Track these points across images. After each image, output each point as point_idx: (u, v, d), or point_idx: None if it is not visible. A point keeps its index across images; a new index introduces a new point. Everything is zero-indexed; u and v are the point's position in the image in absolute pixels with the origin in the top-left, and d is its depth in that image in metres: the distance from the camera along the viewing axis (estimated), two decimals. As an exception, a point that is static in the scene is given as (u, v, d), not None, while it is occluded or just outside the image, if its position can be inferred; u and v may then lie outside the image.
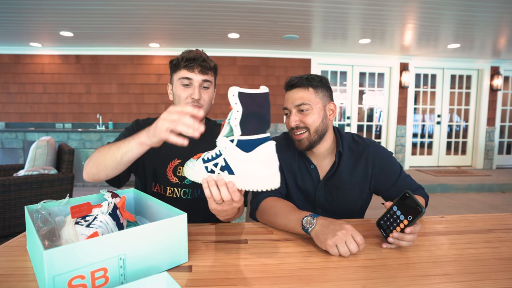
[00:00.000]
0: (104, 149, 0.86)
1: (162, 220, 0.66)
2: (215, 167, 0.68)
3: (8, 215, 1.98)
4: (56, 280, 0.52)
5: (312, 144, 1.05)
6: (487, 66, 5.42)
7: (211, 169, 0.69)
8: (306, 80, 1.03)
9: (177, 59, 1.05)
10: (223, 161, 0.67)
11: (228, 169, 0.67)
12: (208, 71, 1.04)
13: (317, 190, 1.11)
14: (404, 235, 0.76)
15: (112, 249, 0.59)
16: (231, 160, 0.66)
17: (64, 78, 4.87)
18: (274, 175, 0.65)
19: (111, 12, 3.33)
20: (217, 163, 0.68)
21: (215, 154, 0.69)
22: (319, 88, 1.05)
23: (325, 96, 1.06)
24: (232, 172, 0.67)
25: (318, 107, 1.04)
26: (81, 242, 0.56)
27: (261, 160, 0.64)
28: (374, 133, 5.62)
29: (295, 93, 1.04)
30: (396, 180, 1.09)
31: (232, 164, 0.66)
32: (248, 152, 0.64)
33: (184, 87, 1.03)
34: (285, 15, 3.39)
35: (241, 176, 0.66)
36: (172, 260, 0.69)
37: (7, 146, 4.03)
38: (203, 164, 0.70)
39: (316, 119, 1.03)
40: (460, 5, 3.04)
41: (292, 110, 1.04)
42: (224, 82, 5.05)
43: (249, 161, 0.64)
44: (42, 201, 0.76)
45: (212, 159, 0.69)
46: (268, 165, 0.65)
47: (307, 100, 1.02)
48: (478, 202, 3.85)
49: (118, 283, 0.60)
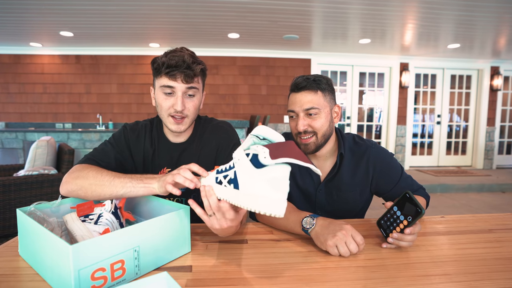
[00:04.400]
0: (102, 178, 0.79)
1: (170, 213, 0.71)
2: (224, 178, 0.65)
3: (8, 215, 1.98)
4: (81, 274, 0.55)
5: (318, 148, 1.04)
6: (487, 66, 5.42)
7: (220, 180, 0.66)
8: (314, 83, 1.00)
9: (157, 62, 0.92)
10: (233, 174, 0.63)
11: (234, 183, 0.62)
12: (194, 77, 0.92)
13: (318, 192, 1.10)
14: (404, 235, 0.76)
15: (129, 242, 0.63)
16: (240, 174, 0.62)
17: (64, 78, 4.88)
18: (280, 202, 0.57)
19: (111, 12, 3.33)
20: (227, 175, 0.65)
21: (229, 166, 0.65)
22: (326, 91, 1.02)
23: (331, 99, 1.05)
24: (237, 187, 0.62)
25: (326, 111, 1.02)
26: (103, 236, 0.59)
27: (269, 179, 0.57)
28: (374, 133, 5.62)
29: (303, 96, 1.00)
30: (397, 181, 1.09)
31: (240, 178, 0.61)
32: (259, 168, 0.58)
33: (166, 96, 0.93)
34: (285, 15, 3.39)
35: (244, 193, 0.60)
36: (178, 250, 0.74)
37: (7, 146, 4.03)
38: (215, 174, 0.68)
39: (324, 123, 1.01)
40: (460, 5, 3.04)
41: (300, 113, 1.01)
42: (224, 82, 5.05)
43: (256, 177, 0.58)
44: (35, 203, 0.75)
45: (225, 171, 0.66)
46: (277, 188, 0.57)
47: (316, 104, 1.00)
48: (478, 202, 3.85)
49: (133, 275, 0.64)
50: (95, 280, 0.57)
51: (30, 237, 0.67)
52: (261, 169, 0.58)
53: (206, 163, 1.07)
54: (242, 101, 5.10)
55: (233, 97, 5.08)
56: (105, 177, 0.80)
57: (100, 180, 0.79)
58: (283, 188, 0.57)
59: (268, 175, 0.57)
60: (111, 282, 0.60)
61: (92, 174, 0.82)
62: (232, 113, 5.11)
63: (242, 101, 5.10)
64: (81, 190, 0.81)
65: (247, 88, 5.08)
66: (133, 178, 0.78)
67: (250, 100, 5.10)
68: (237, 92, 5.08)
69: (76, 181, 0.82)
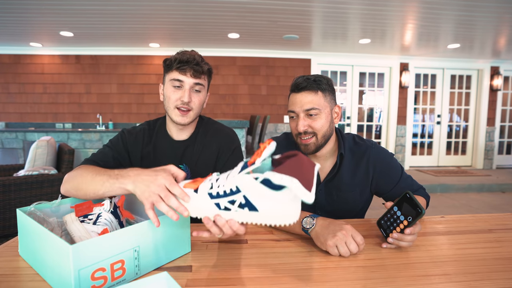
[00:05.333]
0: (88, 174, 0.80)
1: None
2: (232, 204, 0.61)
3: (8, 215, 1.98)
4: (81, 273, 0.55)
5: (318, 148, 1.04)
6: (487, 66, 5.42)
7: (225, 206, 0.61)
8: (314, 83, 1.00)
9: (170, 59, 1.01)
10: (242, 199, 0.60)
11: (249, 206, 0.60)
12: (201, 74, 1.01)
13: (318, 192, 1.10)
14: (404, 235, 0.76)
15: (129, 242, 0.63)
16: (254, 198, 0.59)
17: (64, 78, 4.88)
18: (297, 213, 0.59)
19: (111, 12, 3.33)
20: (233, 200, 0.61)
21: (230, 190, 0.61)
22: (326, 91, 1.02)
23: (332, 99, 1.04)
24: (254, 209, 0.60)
25: (326, 111, 1.01)
26: (103, 236, 0.59)
27: (287, 200, 0.58)
28: (374, 133, 5.62)
29: (303, 97, 1.00)
30: (398, 181, 1.09)
31: (256, 202, 0.59)
32: (278, 191, 0.57)
33: (175, 89, 1.00)
34: (285, 15, 3.39)
35: (266, 214, 0.60)
36: (178, 250, 0.74)
37: (7, 146, 4.03)
38: (211, 200, 0.63)
39: (324, 123, 1.01)
40: (460, 5, 3.04)
41: (300, 114, 1.01)
42: (224, 82, 5.05)
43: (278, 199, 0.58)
44: (35, 203, 0.75)
45: (226, 195, 0.61)
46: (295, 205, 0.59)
47: (316, 104, 0.99)
48: (478, 202, 3.85)
49: (133, 275, 0.64)
50: (95, 280, 0.57)
51: (30, 237, 0.67)
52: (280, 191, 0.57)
53: (205, 165, 1.08)
54: (242, 101, 5.10)
55: (233, 97, 5.08)
56: (89, 174, 0.79)
57: (85, 178, 0.80)
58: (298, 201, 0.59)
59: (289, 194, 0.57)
60: (111, 282, 0.60)
61: (83, 172, 0.82)
62: (232, 113, 5.11)
63: (242, 101, 5.10)
64: (73, 189, 0.82)
65: (247, 88, 5.08)
66: (110, 177, 0.74)
67: (250, 100, 5.10)
68: (237, 92, 5.08)
69: (72, 180, 0.83)
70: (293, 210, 0.59)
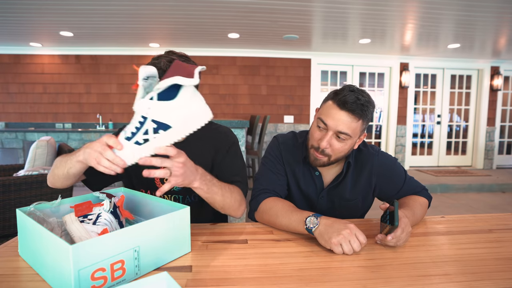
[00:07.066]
0: (61, 159, 0.86)
1: (170, 213, 0.72)
2: (147, 134, 0.64)
3: (8, 215, 1.98)
4: (81, 274, 0.55)
5: (327, 165, 1.02)
6: (487, 66, 5.42)
7: (144, 139, 0.64)
8: (362, 109, 0.92)
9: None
10: (152, 123, 0.63)
11: (162, 127, 0.64)
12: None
13: (320, 198, 1.09)
14: (386, 239, 0.78)
15: (129, 242, 0.63)
16: (161, 116, 0.63)
17: (64, 78, 4.87)
18: (205, 107, 0.66)
19: (111, 12, 3.33)
20: (146, 130, 0.64)
21: (139, 123, 0.64)
22: (366, 120, 0.96)
23: (365, 128, 0.99)
24: (168, 127, 0.64)
25: (355, 139, 0.97)
26: (103, 236, 0.59)
27: (188, 99, 0.63)
28: (374, 133, 5.62)
29: (344, 117, 0.92)
30: (402, 186, 1.08)
31: (164, 119, 0.63)
32: (174, 99, 0.62)
33: None
34: (285, 15, 3.39)
35: (180, 124, 0.64)
36: (178, 250, 0.74)
37: (7, 146, 4.03)
38: (129, 142, 0.65)
39: (345, 149, 0.97)
40: (460, 5, 3.04)
41: (330, 131, 0.94)
42: (224, 82, 5.05)
43: (179, 106, 0.62)
44: (35, 203, 0.75)
45: (138, 130, 0.64)
46: (196, 101, 0.64)
47: (351, 131, 0.93)
48: (478, 202, 3.85)
49: (133, 275, 0.65)
50: (95, 280, 0.57)
51: (30, 237, 0.67)
52: (175, 99, 0.62)
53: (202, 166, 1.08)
54: (242, 101, 5.10)
55: (233, 97, 5.08)
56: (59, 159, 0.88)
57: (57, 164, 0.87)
58: (198, 97, 0.65)
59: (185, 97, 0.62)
60: (111, 282, 0.60)
61: (56, 160, 0.90)
62: (232, 113, 5.11)
63: (242, 101, 5.10)
64: (50, 176, 0.90)
65: (247, 88, 5.08)
66: (71, 155, 0.80)
67: (250, 100, 5.10)
68: (237, 92, 5.08)
69: (51, 171, 0.91)
70: (199, 106, 0.64)
